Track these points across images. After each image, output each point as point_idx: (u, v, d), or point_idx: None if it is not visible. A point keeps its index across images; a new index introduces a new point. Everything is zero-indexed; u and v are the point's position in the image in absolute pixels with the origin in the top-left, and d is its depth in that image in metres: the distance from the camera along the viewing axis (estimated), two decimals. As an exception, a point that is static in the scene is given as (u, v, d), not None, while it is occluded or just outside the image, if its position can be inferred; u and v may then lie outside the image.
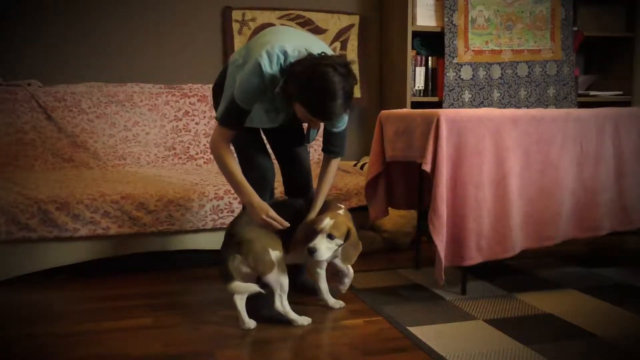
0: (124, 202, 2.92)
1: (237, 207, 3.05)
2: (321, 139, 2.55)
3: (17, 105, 3.52)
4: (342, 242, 2.31)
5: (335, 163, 2.52)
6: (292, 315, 2.32)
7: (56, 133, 3.56)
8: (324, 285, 2.49)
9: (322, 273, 2.47)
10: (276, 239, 2.31)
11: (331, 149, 2.49)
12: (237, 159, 2.38)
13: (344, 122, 2.45)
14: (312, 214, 2.43)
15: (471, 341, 2.15)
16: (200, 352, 2.10)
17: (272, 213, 2.29)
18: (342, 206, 2.46)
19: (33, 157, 3.49)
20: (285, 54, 2.22)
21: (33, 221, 2.79)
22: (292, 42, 2.25)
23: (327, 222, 2.29)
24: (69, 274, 2.97)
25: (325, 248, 2.27)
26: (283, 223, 2.30)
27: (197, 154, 3.78)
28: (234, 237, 2.29)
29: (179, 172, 3.50)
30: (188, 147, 3.77)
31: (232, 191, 3.05)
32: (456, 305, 2.52)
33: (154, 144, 3.72)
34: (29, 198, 2.81)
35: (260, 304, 2.40)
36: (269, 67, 2.20)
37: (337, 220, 2.30)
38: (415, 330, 2.24)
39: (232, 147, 2.42)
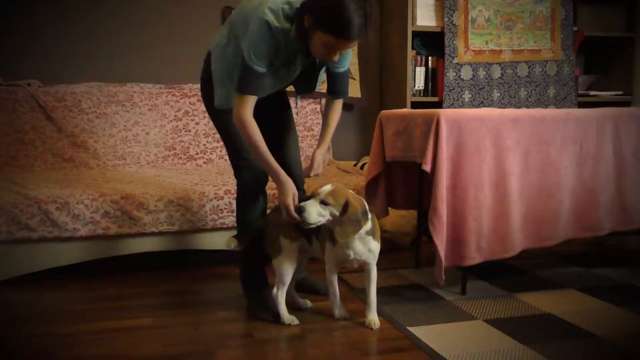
0: (124, 202, 2.92)
1: (237, 207, 3.05)
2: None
3: (17, 105, 3.52)
4: (337, 213, 2.16)
5: (339, 104, 2.49)
6: (282, 309, 2.32)
7: (56, 133, 3.56)
8: (333, 289, 2.36)
9: (333, 279, 2.35)
10: (292, 228, 2.28)
11: (336, 89, 2.46)
12: (259, 131, 2.24)
13: (348, 61, 2.44)
14: (322, 148, 2.39)
15: (471, 341, 2.15)
16: (200, 352, 2.10)
17: (296, 199, 2.22)
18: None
19: (33, 157, 3.49)
20: (289, 3, 2.17)
21: (33, 221, 2.79)
22: None
23: (325, 187, 2.18)
24: (69, 274, 2.97)
25: (315, 212, 2.13)
26: (293, 220, 2.21)
27: (197, 154, 3.78)
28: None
29: (179, 172, 3.50)
30: (188, 147, 3.77)
31: (232, 191, 3.06)
32: (456, 305, 2.52)
33: (154, 144, 3.72)
34: (29, 198, 2.82)
35: (261, 305, 2.40)
36: (277, 22, 2.15)
37: (337, 189, 2.17)
38: (415, 330, 2.24)
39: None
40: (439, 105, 4.00)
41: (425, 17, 3.93)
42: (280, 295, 2.31)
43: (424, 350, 2.07)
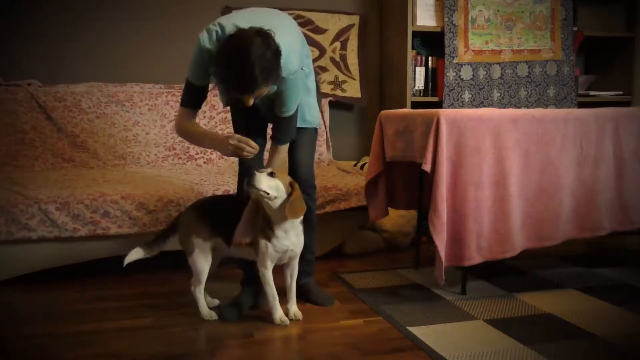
0: (124, 202, 2.92)
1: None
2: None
3: (17, 105, 3.52)
4: (283, 188, 2.21)
5: (283, 150, 2.38)
6: (201, 305, 2.41)
7: (56, 133, 3.56)
8: (272, 292, 2.34)
9: (271, 279, 2.32)
10: (205, 227, 2.35)
11: (276, 135, 2.37)
12: (196, 122, 2.33)
13: (290, 106, 2.29)
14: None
15: (471, 341, 2.15)
16: (200, 352, 2.10)
17: (237, 136, 2.20)
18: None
19: (33, 157, 3.49)
20: (222, 27, 2.16)
21: (33, 221, 2.79)
22: (236, 19, 2.17)
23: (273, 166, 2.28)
24: (69, 274, 2.97)
25: (265, 179, 2.17)
26: (250, 143, 2.20)
27: (197, 154, 3.78)
28: (177, 218, 2.49)
29: (179, 172, 3.50)
30: (188, 147, 3.77)
31: (232, 191, 3.06)
32: (456, 305, 2.52)
33: (154, 144, 3.72)
34: (29, 198, 2.81)
35: (232, 301, 2.43)
36: (208, 42, 2.16)
37: (284, 174, 2.28)
38: (415, 330, 2.24)
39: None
40: (439, 105, 4.00)
41: (425, 17, 3.92)
42: (198, 292, 2.41)
43: (424, 350, 2.07)
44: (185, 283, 2.87)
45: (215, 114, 3.81)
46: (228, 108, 2.60)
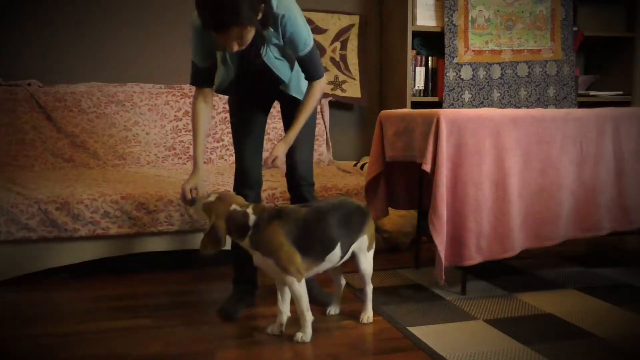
0: (124, 202, 2.92)
1: (237, 207, 3.05)
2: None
3: (17, 105, 3.52)
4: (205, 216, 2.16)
5: (314, 88, 2.35)
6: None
7: (56, 133, 3.56)
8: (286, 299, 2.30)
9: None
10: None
11: (306, 74, 2.37)
12: (205, 117, 2.36)
13: (300, 45, 2.26)
14: (283, 140, 2.32)
15: (471, 341, 2.15)
16: (200, 352, 2.10)
17: (188, 185, 2.27)
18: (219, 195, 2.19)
19: (33, 157, 3.49)
20: None
21: (33, 221, 2.79)
22: None
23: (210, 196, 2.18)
24: (69, 274, 2.97)
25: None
26: (187, 195, 2.27)
27: (197, 154, 3.78)
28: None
29: (179, 172, 3.50)
30: (188, 147, 3.77)
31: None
32: (456, 305, 2.52)
33: (154, 144, 3.72)
34: (29, 198, 2.82)
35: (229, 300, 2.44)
36: (197, 19, 2.15)
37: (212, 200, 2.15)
38: (415, 330, 2.24)
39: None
40: (439, 105, 4.00)
41: (425, 17, 3.93)
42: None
43: (424, 350, 2.07)
44: (185, 283, 2.88)
45: (215, 114, 3.81)
46: (227, 108, 2.60)
